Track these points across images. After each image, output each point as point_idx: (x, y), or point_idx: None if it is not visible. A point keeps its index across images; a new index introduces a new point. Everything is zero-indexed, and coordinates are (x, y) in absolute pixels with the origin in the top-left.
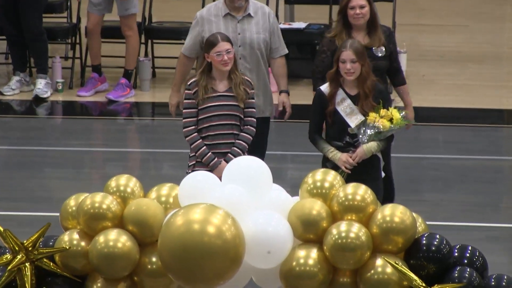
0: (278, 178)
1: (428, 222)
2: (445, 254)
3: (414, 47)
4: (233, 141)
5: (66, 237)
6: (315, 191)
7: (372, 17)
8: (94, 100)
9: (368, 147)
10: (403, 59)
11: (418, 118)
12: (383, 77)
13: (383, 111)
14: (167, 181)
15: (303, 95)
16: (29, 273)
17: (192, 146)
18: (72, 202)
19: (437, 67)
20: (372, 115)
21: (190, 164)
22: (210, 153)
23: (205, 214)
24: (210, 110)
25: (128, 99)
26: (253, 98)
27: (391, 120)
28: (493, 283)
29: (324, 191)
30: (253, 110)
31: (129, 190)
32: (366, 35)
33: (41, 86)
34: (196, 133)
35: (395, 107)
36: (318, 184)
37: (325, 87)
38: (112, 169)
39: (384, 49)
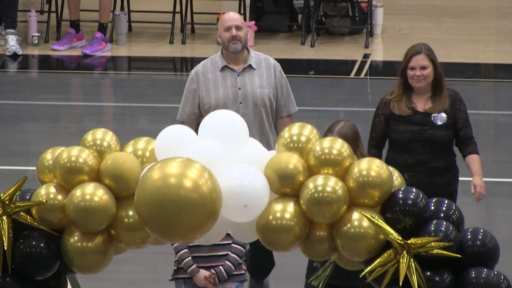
0: None
1: None
2: (421, 208)
3: (391, 1)
4: (219, 242)
5: (42, 190)
6: (291, 145)
7: (437, 80)
8: (70, 54)
9: None
10: (379, 14)
11: (394, 72)
12: (444, 149)
13: None
14: (143, 135)
15: (279, 49)
16: (6, 227)
17: (173, 247)
18: (48, 156)
19: (413, 21)
20: None
21: (174, 269)
22: (189, 258)
23: (182, 168)
24: None
25: (104, 53)
26: None
27: None
28: (469, 237)
29: (300, 145)
30: None
31: (105, 144)
32: (429, 99)
33: (14, 43)
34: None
35: None
36: (295, 138)
37: None
38: (88, 123)
39: (445, 117)
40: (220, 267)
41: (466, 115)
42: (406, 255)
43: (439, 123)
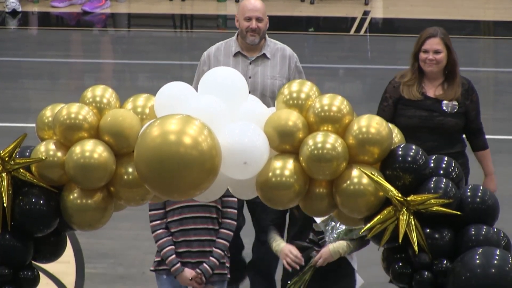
0: None
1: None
2: (420, 165)
3: None
4: (208, 238)
5: (42, 147)
6: (291, 102)
7: (450, 66)
8: (70, 11)
9: (336, 247)
10: None
11: (394, 29)
12: (452, 138)
13: None
14: (143, 92)
15: (278, 6)
16: (5, 183)
17: (156, 245)
18: (48, 112)
19: None
20: None
21: (155, 260)
22: (173, 256)
23: (181, 125)
24: (180, 201)
25: (103, 10)
26: None
27: None
28: (468, 194)
29: (300, 102)
30: (234, 199)
31: (105, 100)
32: (440, 86)
33: (14, 0)
34: (162, 230)
35: None
36: (294, 95)
37: None
38: (88, 80)
39: (456, 105)
40: (205, 264)
41: (478, 105)
42: (405, 212)
43: (449, 110)
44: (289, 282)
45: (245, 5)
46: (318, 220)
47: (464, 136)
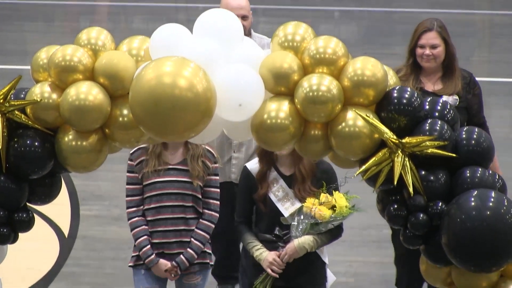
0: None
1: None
2: (416, 107)
3: None
4: (185, 228)
5: (37, 89)
6: (286, 44)
7: (448, 59)
8: None
9: (301, 242)
10: None
11: None
12: None
13: (323, 196)
14: (138, 34)
15: None
16: (0, 125)
17: (132, 233)
18: (43, 54)
19: None
20: (310, 202)
21: (132, 255)
22: (148, 247)
23: (176, 67)
24: (157, 187)
25: None
26: (216, 175)
27: (333, 208)
28: (464, 136)
29: (295, 44)
30: (216, 190)
31: (100, 43)
32: (439, 80)
33: None
34: (137, 217)
35: (345, 192)
36: (289, 37)
37: (253, 165)
38: (83, 22)
39: (457, 99)
40: (181, 256)
41: (481, 99)
42: (400, 154)
43: None
44: (255, 280)
45: (228, 2)
46: (286, 213)
47: None
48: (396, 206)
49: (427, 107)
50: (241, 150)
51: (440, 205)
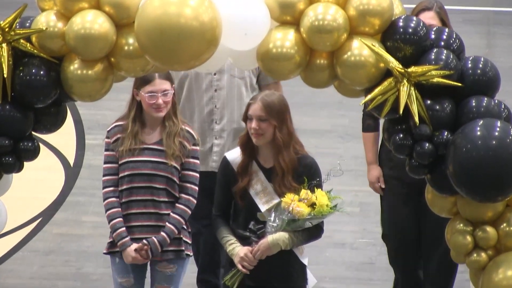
0: None
1: (405, 6)
2: (421, 36)
3: None
4: (157, 211)
5: (42, 18)
6: None
7: None
8: None
9: (275, 238)
10: None
11: None
12: None
13: (303, 193)
14: None
15: None
16: (5, 54)
17: (107, 214)
18: None
19: None
20: (289, 197)
21: (108, 242)
22: (123, 229)
23: None
24: (129, 167)
25: None
26: (196, 158)
27: (313, 205)
28: (469, 65)
29: None
30: (194, 174)
31: None
32: None
33: None
34: (113, 198)
35: (329, 191)
36: None
37: (234, 155)
38: None
39: None
40: (153, 237)
41: None
42: (406, 83)
43: None
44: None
45: None
46: (263, 208)
47: None
48: (401, 136)
49: (433, 36)
50: (222, 136)
51: (445, 134)
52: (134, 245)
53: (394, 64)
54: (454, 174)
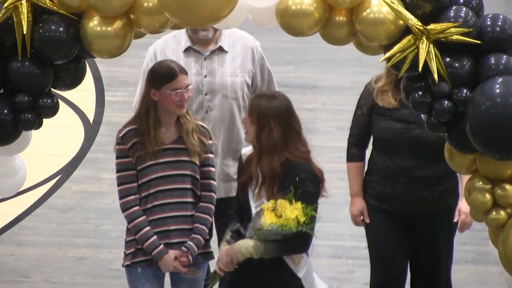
0: None
1: None
2: None
3: None
4: (184, 213)
5: None
6: None
7: None
8: None
9: (240, 245)
10: None
11: None
12: (434, 155)
13: (280, 202)
14: None
15: None
16: (25, 10)
17: (129, 226)
18: None
19: None
20: (266, 204)
21: (127, 253)
22: (155, 237)
23: None
24: (153, 171)
25: None
26: (212, 153)
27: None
28: (488, 23)
29: None
30: (213, 169)
31: None
32: None
33: None
34: (136, 207)
35: (305, 205)
36: None
37: (248, 149)
38: None
39: None
40: (190, 242)
41: None
42: (425, 41)
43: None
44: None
45: None
46: (253, 210)
47: None
48: (420, 93)
49: None
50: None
51: (464, 92)
52: (172, 252)
53: (413, 21)
54: (473, 131)
